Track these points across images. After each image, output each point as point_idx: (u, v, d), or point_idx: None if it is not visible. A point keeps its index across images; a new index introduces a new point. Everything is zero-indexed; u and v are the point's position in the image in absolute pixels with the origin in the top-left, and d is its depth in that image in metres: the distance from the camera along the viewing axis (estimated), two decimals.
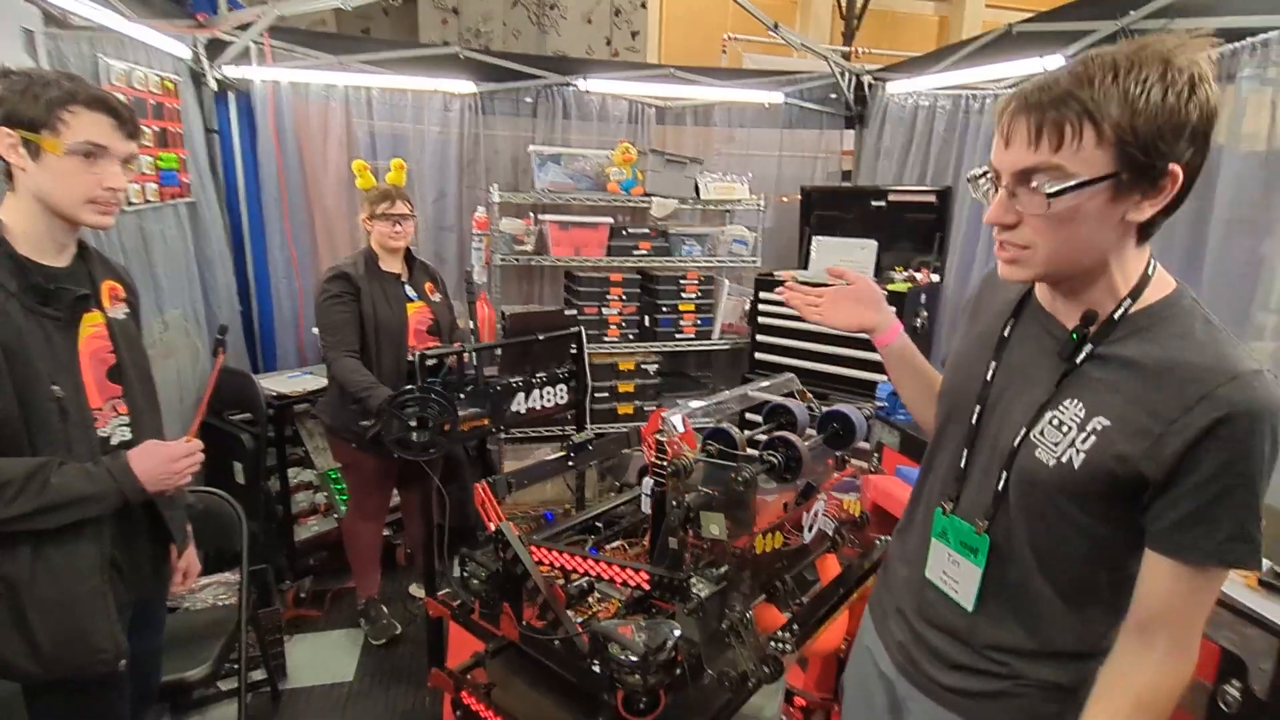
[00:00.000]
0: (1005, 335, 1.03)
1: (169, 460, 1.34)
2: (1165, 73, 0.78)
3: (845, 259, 3.49)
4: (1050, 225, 0.85)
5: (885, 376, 1.32)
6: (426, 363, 2.11)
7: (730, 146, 4.13)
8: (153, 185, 2.61)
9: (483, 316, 3.02)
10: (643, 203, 3.56)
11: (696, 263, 3.80)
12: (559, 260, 3.57)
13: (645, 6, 7.21)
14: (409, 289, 2.58)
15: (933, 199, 3.43)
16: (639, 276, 3.68)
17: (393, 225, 2.48)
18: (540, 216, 3.54)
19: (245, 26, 2.97)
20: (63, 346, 1.26)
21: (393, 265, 2.56)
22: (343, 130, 3.43)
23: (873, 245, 3.47)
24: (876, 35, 7.75)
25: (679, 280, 3.70)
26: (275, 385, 3.04)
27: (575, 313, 3.42)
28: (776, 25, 3.50)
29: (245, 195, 3.30)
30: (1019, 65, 2.93)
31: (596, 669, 1.21)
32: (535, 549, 1.39)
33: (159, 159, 2.66)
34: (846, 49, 6.35)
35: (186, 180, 2.84)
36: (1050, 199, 0.82)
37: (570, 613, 1.34)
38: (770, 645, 1.26)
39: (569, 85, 3.74)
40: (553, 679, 1.34)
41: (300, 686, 2.55)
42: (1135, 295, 0.90)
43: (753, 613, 1.30)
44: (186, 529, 1.57)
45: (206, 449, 1.43)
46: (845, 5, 7.37)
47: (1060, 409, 0.92)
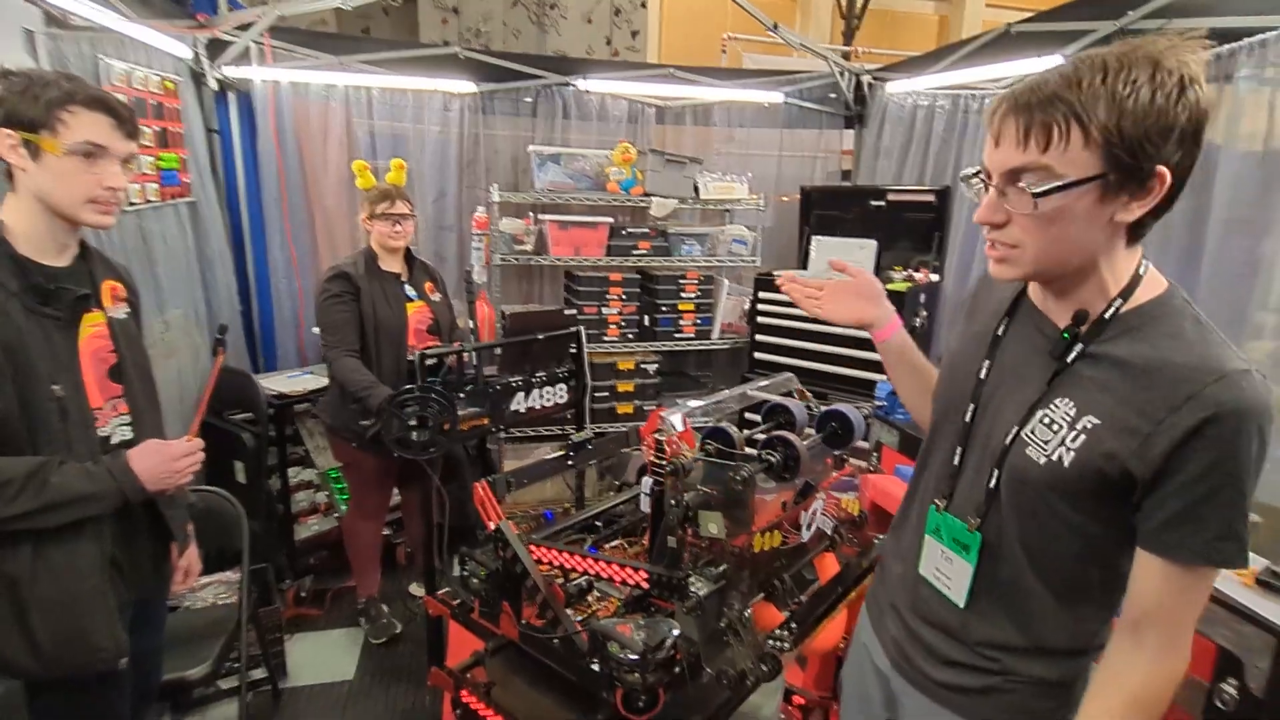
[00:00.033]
0: (999, 334, 1.04)
1: (169, 459, 1.34)
2: (1154, 74, 0.79)
3: (844, 259, 3.48)
4: (1038, 225, 0.86)
5: (884, 376, 1.32)
6: (426, 362, 2.11)
7: (730, 146, 4.13)
8: (153, 185, 2.61)
9: (482, 316, 3.02)
10: (642, 202, 3.57)
11: (696, 262, 3.80)
12: (559, 260, 3.57)
13: (645, 6, 7.22)
14: (409, 289, 2.59)
15: (932, 199, 3.43)
16: (638, 276, 3.68)
17: (392, 225, 2.49)
18: (540, 216, 3.55)
19: (245, 26, 2.97)
20: (63, 346, 1.27)
21: (393, 265, 2.57)
22: (343, 130, 3.44)
23: (872, 245, 3.47)
24: (877, 35, 7.76)
25: (678, 280, 3.71)
26: (276, 385, 3.05)
27: (575, 312, 3.43)
28: (776, 25, 3.50)
29: (245, 195, 3.30)
30: (1018, 65, 2.93)
31: (596, 667, 1.21)
32: (534, 548, 1.39)
33: (160, 159, 2.66)
34: (846, 48, 6.36)
35: (187, 180, 2.85)
36: (1037, 199, 0.83)
37: (569, 611, 1.35)
38: (768, 643, 1.27)
39: (569, 85, 3.74)
40: (552, 677, 1.35)
41: (300, 685, 2.56)
42: (1126, 295, 0.90)
43: (751, 611, 1.31)
44: (187, 528, 1.58)
45: (207, 448, 1.44)
46: (845, 5, 7.38)
47: (1051, 408, 0.93)
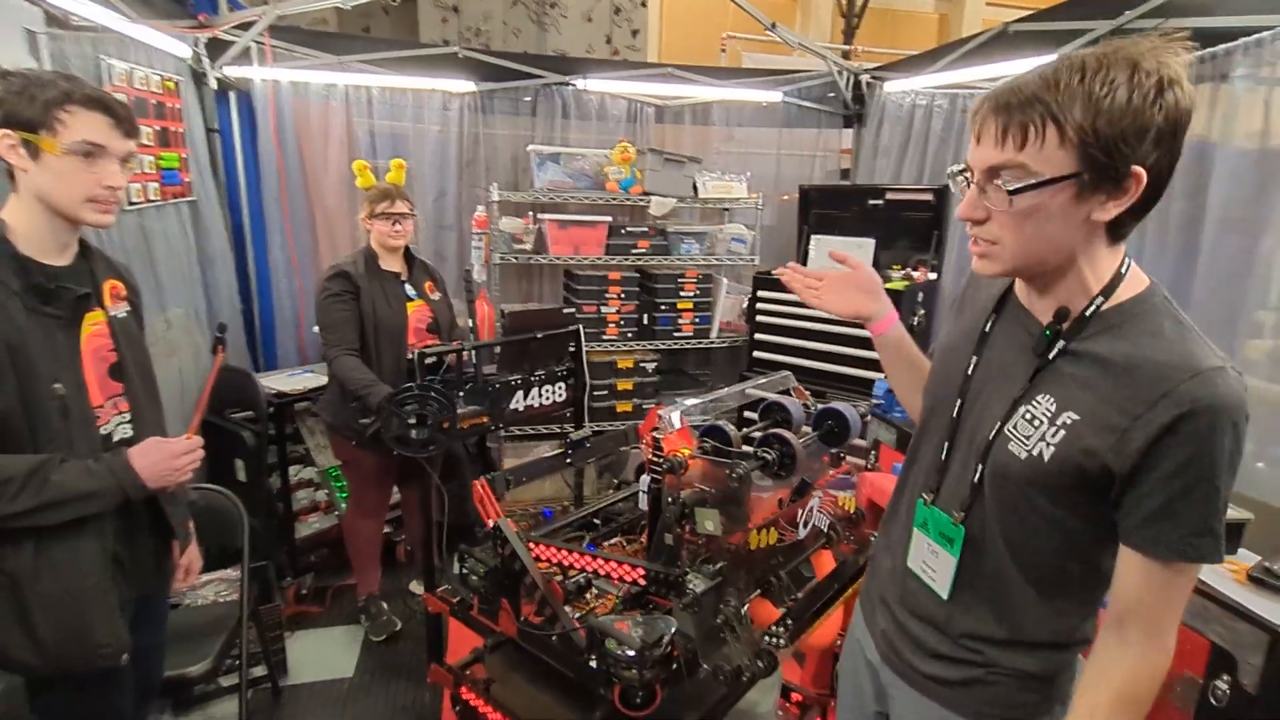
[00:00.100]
0: (987, 331, 1.05)
1: (170, 457, 1.35)
2: (1132, 75, 0.80)
3: None
4: (1015, 221, 0.88)
5: (883, 375, 1.33)
6: (426, 361, 2.12)
7: (729, 145, 4.13)
8: (154, 184, 2.62)
9: (482, 315, 3.02)
10: (641, 201, 3.57)
11: (695, 261, 3.81)
12: (558, 259, 3.58)
13: (645, 5, 7.21)
14: (409, 288, 2.59)
15: (930, 197, 3.44)
16: (638, 275, 3.69)
17: (392, 224, 2.49)
18: (539, 215, 3.55)
19: (246, 26, 2.98)
20: (64, 345, 1.28)
21: (392, 264, 2.57)
22: (343, 129, 3.44)
23: (870, 244, 3.48)
24: (877, 33, 7.75)
25: (677, 279, 3.71)
26: (276, 383, 3.06)
27: (574, 311, 3.43)
28: (774, 25, 3.50)
29: (246, 194, 3.31)
30: (1015, 64, 2.94)
31: (594, 664, 1.22)
32: (533, 545, 1.40)
33: (160, 158, 2.67)
34: (846, 47, 6.36)
35: (188, 179, 2.86)
36: (1012, 196, 0.85)
37: (568, 608, 1.36)
38: (765, 640, 1.28)
39: (568, 84, 3.75)
40: (551, 674, 1.36)
41: (301, 682, 2.56)
42: (1107, 293, 0.91)
43: (748, 608, 1.31)
44: (188, 526, 1.59)
45: (208, 447, 1.44)
46: (845, 3, 7.37)
47: (1033, 403, 0.94)
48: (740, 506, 1.29)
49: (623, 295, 3.62)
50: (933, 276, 3.40)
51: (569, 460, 1.74)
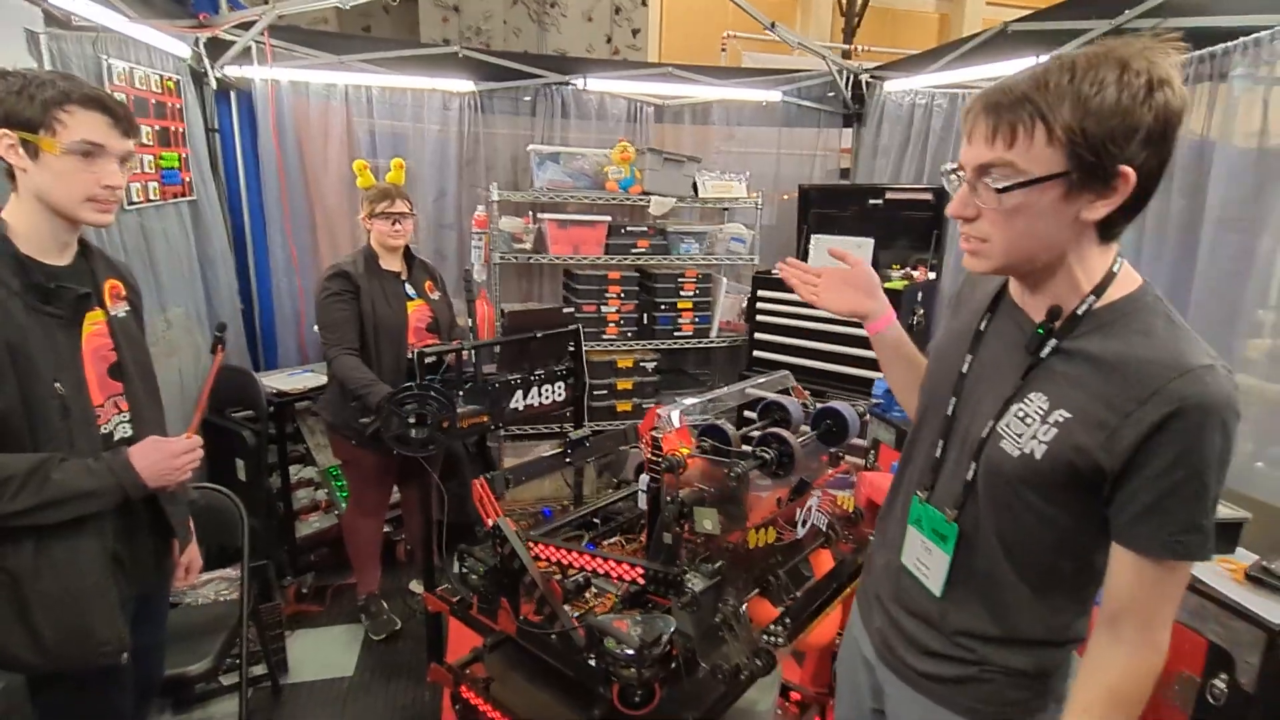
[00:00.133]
0: (981, 329, 1.06)
1: (169, 456, 1.35)
2: (1122, 75, 0.80)
3: None
4: (1004, 219, 0.88)
5: (882, 374, 1.34)
6: (426, 360, 2.12)
7: (728, 145, 4.14)
8: (154, 184, 2.62)
9: (482, 314, 3.03)
10: (641, 201, 3.57)
11: (694, 261, 3.81)
12: (558, 258, 3.58)
13: (646, 4, 7.21)
14: (409, 287, 2.60)
15: (929, 197, 3.44)
16: (637, 274, 3.69)
17: (392, 224, 2.50)
18: (539, 215, 3.55)
19: (246, 26, 2.98)
20: (65, 345, 1.28)
21: (392, 264, 2.58)
22: (343, 129, 3.45)
23: (870, 243, 3.48)
24: (877, 33, 7.75)
25: (677, 278, 3.71)
26: (276, 383, 3.06)
27: (574, 310, 3.42)
28: (774, 24, 3.50)
29: (246, 194, 3.32)
30: (1014, 64, 2.94)
31: (593, 663, 1.23)
32: (533, 545, 1.40)
33: (160, 158, 2.67)
34: (846, 47, 6.36)
35: (188, 179, 2.86)
36: (1000, 194, 0.86)
37: (567, 607, 1.36)
38: (763, 639, 1.28)
39: (568, 84, 3.75)
40: (550, 673, 1.36)
41: (301, 681, 2.57)
42: (1099, 292, 0.92)
43: (746, 607, 1.32)
44: (189, 525, 1.59)
45: (209, 446, 1.45)
46: (845, 3, 7.37)
47: (1025, 401, 0.95)
48: (739, 506, 1.29)
49: (622, 295, 3.62)
50: (932, 276, 3.40)
51: (568, 459, 1.74)
